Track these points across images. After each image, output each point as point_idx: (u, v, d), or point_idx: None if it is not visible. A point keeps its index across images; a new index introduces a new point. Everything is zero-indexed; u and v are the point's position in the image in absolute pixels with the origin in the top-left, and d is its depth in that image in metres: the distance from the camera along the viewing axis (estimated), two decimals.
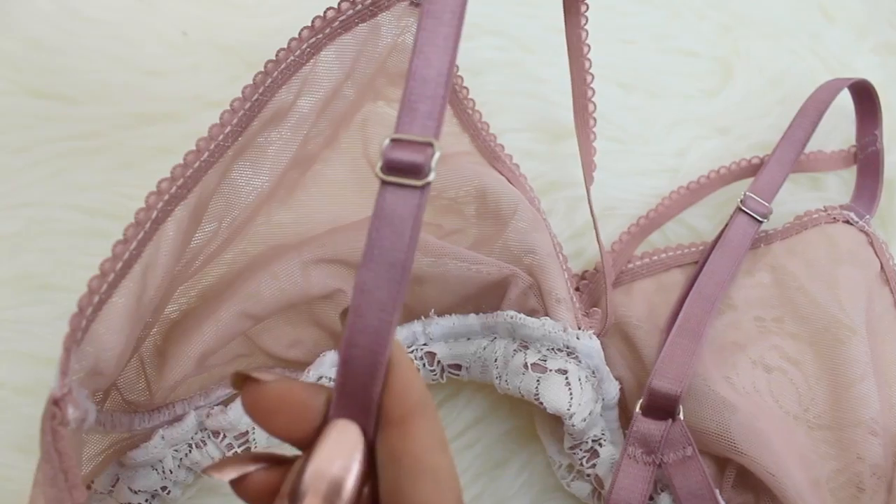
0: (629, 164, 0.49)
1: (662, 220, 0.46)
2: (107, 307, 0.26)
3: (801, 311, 0.41)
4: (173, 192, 0.28)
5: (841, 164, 0.49)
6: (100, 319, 0.26)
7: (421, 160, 0.19)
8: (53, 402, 0.23)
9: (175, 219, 0.29)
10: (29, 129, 0.44)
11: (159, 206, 0.28)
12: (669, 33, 0.53)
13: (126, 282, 0.27)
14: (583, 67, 0.40)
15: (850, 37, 0.55)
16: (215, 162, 0.30)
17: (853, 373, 0.39)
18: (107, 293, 0.26)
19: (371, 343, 0.19)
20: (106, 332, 0.26)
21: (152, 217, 0.28)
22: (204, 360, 0.35)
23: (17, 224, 0.43)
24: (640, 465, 0.37)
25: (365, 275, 0.19)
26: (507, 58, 0.50)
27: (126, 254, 0.27)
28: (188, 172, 0.29)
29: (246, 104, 0.31)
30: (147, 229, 0.28)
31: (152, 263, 0.28)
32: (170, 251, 0.29)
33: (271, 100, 0.32)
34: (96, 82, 0.45)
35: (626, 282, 0.43)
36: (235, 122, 0.30)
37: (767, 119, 0.51)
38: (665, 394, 0.37)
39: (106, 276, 0.26)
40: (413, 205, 0.19)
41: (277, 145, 0.34)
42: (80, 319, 0.25)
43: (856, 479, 0.37)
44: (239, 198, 0.34)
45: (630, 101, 0.51)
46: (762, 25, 0.54)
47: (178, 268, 0.33)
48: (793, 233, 0.44)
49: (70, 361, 0.24)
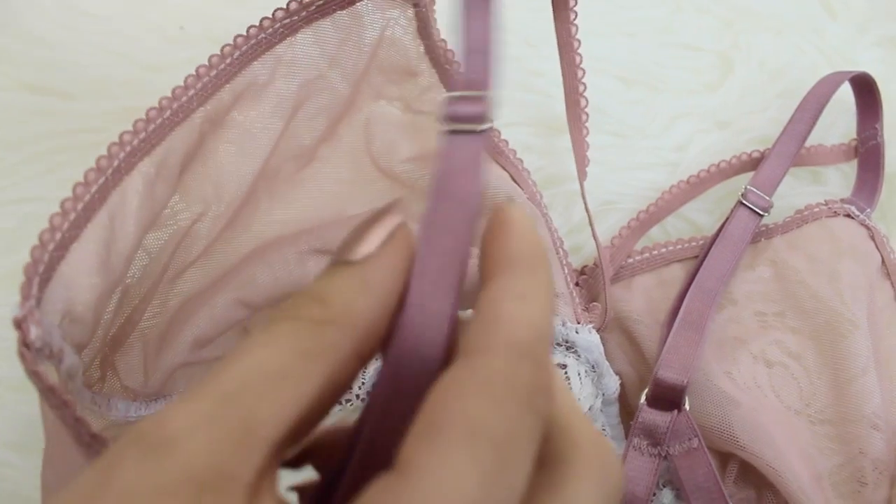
0: (629, 158, 0.49)
1: (662, 215, 0.46)
2: (74, 250, 0.27)
3: (803, 306, 0.41)
4: (135, 145, 0.29)
5: (842, 158, 0.49)
6: (67, 261, 0.27)
7: (480, 110, 0.21)
8: (15, 324, 0.24)
9: (140, 172, 0.30)
10: (26, 125, 0.44)
11: (121, 157, 0.29)
12: (670, 27, 0.53)
13: (92, 226, 0.28)
14: (574, 62, 0.40)
15: (852, 31, 0.55)
16: (180, 122, 0.31)
17: (855, 367, 0.39)
18: (70, 232, 0.27)
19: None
20: (76, 274, 0.27)
21: (114, 165, 0.29)
22: (198, 346, 0.35)
23: (15, 220, 0.43)
24: (645, 456, 0.36)
25: (432, 215, 0.18)
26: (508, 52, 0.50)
27: (87, 195, 0.27)
28: (150, 127, 0.30)
29: (212, 71, 0.31)
30: (109, 176, 0.28)
31: (119, 213, 0.29)
32: (139, 205, 0.30)
33: (241, 72, 0.32)
34: (94, 77, 0.45)
35: (626, 276, 0.43)
36: (200, 86, 0.31)
37: (768, 113, 0.51)
38: (671, 384, 0.37)
39: (67, 215, 0.27)
40: (477, 146, 0.20)
41: (260, 128, 0.34)
42: (42, 252, 0.26)
43: (858, 473, 0.37)
44: (229, 182, 0.34)
45: (630, 94, 0.51)
46: (764, 19, 0.54)
47: (171, 251, 0.33)
48: (793, 227, 0.44)
49: (31, 288, 0.25)
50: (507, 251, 0.17)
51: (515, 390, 0.15)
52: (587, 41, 0.51)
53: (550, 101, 0.49)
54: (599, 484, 0.17)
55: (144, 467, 0.14)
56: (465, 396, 0.15)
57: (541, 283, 0.17)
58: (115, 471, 0.14)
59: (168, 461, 0.14)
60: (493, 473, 0.14)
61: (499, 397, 0.15)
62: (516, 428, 0.15)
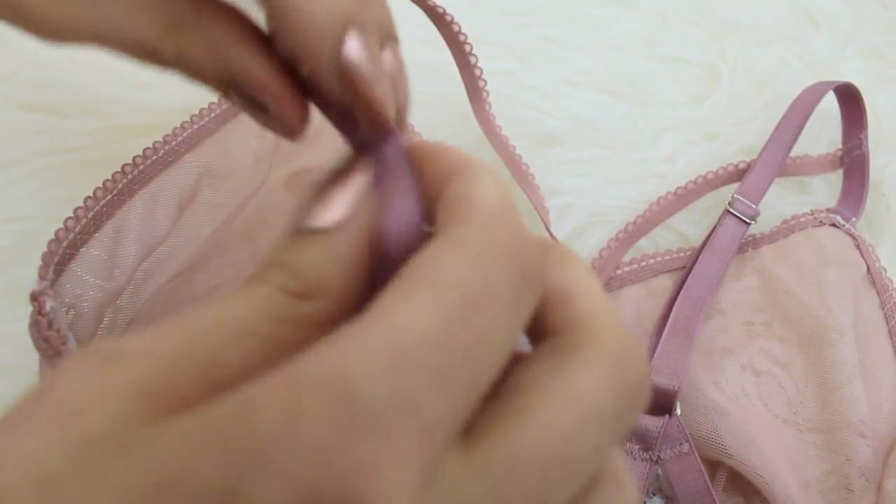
0: (617, 170, 0.49)
1: (650, 226, 0.46)
2: (83, 254, 0.33)
3: (789, 315, 0.41)
4: (135, 175, 0.36)
5: (827, 168, 0.50)
6: (77, 261, 0.33)
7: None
8: (32, 297, 0.29)
9: (142, 198, 0.36)
10: (19, 143, 0.45)
11: (124, 182, 0.35)
12: (657, 40, 0.54)
13: (99, 235, 0.34)
14: (487, 116, 0.44)
15: (836, 42, 0.55)
16: (172, 162, 0.37)
17: (841, 375, 0.39)
18: (81, 236, 0.33)
19: None
20: (82, 272, 0.33)
21: (118, 188, 0.35)
22: None
23: (8, 238, 0.43)
24: (636, 461, 0.37)
25: None
26: (498, 67, 0.51)
27: (96, 207, 0.34)
28: (147, 162, 0.37)
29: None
30: (114, 195, 0.35)
31: (122, 229, 0.34)
32: (140, 228, 0.35)
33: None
34: (87, 95, 0.46)
35: (615, 288, 0.44)
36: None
37: (754, 124, 0.51)
38: (663, 389, 0.37)
39: (79, 220, 0.33)
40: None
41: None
42: (58, 246, 0.32)
43: (845, 480, 0.37)
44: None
45: (618, 108, 0.51)
46: (749, 32, 0.55)
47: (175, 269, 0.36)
48: (780, 236, 0.45)
49: (48, 272, 0.31)
50: (439, 170, 0.17)
51: (490, 247, 0.15)
52: (574, 56, 0.52)
53: (540, 114, 0.50)
54: (614, 378, 0.15)
55: (90, 375, 0.14)
56: (438, 255, 0.14)
57: (487, 171, 0.16)
58: (58, 380, 0.14)
59: (117, 372, 0.14)
60: (459, 319, 0.13)
61: (471, 253, 0.14)
62: (490, 280, 0.14)
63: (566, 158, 0.49)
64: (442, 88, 0.48)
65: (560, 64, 0.52)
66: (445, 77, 0.45)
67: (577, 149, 0.49)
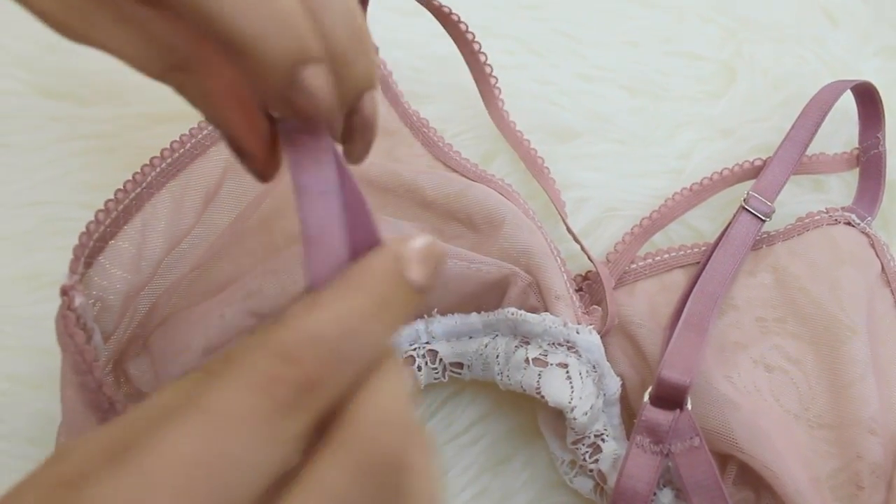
0: (633, 165, 0.49)
1: (665, 222, 0.46)
2: (111, 247, 0.33)
3: (803, 312, 0.42)
4: (163, 168, 0.36)
5: (843, 167, 0.50)
6: (105, 255, 0.33)
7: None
8: (62, 292, 0.29)
9: (170, 191, 0.36)
10: (41, 130, 0.45)
11: (153, 175, 0.35)
12: (674, 36, 0.54)
13: (128, 228, 0.34)
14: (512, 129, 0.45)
15: (854, 40, 0.55)
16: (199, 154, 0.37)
17: (853, 372, 0.39)
18: (110, 229, 0.33)
19: None
20: (111, 266, 0.33)
21: (147, 181, 0.35)
22: (208, 353, 0.36)
23: (30, 222, 0.44)
24: (647, 454, 0.37)
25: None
26: (514, 61, 0.51)
27: (126, 200, 0.34)
28: (174, 155, 0.37)
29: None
30: (144, 187, 0.35)
31: (150, 221, 0.35)
32: (167, 220, 0.35)
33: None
34: (108, 83, 0.46)
35: (629, 282, 0.44)
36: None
37: (770, 121, 0.51)
38: (674, 384, 0.37)
39: (109, 213, 0.33)
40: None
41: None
42: (88, 239, 0.32)
43: (855, 477, 0.38)
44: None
45: (634, 103, 0.51)
46: (766, 29, 0.55)
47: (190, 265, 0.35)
48: (794, 234, 0.45)
49: (78, 266, 0.31)
50: (361, 361, 0.18)
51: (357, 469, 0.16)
52: (591, 51, 0.52)
53: (556, 108, 0.50)
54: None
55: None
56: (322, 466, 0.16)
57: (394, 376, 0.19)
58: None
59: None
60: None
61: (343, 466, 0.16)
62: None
63: (581, 152, 0.49)
64: (457, 80, 0.48)
65: (576, 58, 0.52)
66: (460, 70, 0.46)
67: (592, 143, 0.50)
